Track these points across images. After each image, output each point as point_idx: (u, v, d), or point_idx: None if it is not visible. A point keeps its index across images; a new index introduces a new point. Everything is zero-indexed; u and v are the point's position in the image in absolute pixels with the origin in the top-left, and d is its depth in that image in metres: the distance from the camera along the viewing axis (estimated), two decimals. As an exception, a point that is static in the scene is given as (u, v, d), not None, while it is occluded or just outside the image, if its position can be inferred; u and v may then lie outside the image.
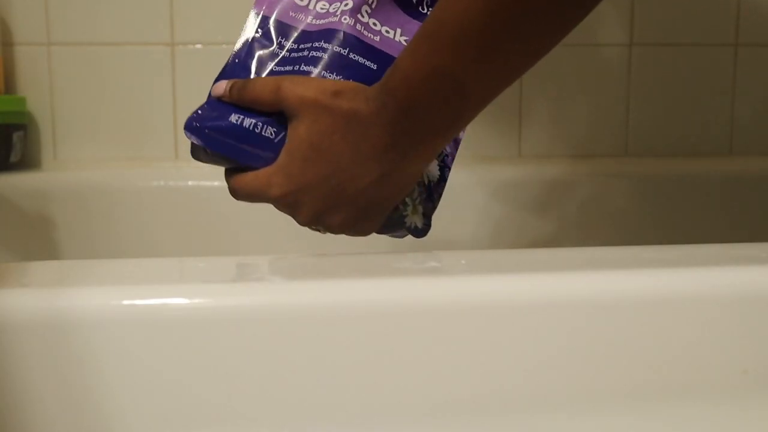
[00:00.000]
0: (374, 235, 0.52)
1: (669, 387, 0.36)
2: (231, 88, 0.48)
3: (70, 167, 0.93)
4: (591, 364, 0.36)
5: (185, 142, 0.94)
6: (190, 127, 0.48)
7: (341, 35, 0.49)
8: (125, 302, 0.33)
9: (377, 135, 0.44)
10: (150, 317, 0.33)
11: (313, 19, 0.51)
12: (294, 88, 0.46)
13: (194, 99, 0.96)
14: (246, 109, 0.47)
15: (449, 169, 0.53)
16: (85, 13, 0.93)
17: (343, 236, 0.51)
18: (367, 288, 0.35)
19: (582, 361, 0.36)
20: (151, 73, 0.94)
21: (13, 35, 0.93)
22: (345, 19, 0.50)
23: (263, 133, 0.47)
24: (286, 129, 0.47)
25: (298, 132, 0.46)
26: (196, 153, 0.50)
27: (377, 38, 0.50)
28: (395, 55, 0.50)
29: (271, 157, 0.47)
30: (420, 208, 0.50)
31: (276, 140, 0.47)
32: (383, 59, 0.50)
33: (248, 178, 0.48)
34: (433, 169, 0.52)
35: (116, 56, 0.94)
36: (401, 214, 0.50)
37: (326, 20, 0.50)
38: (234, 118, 0.47)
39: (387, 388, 0.35)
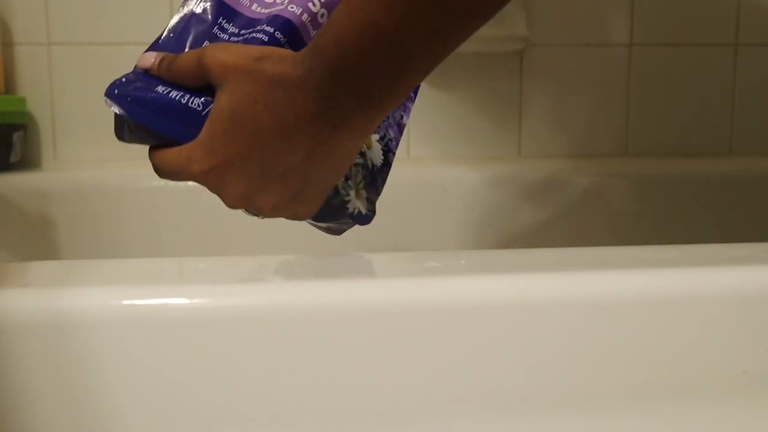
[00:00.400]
0: (369, 233, 0.52)
1: (669, 387, 0.36)
2: (160, 62, 0.45)
3: (70, 167, 0.93)
4: (591, 364, 0.36)
5: (185, 142, 0.94)
6: (112, 94, 0.44)
7: (283, 22, 0.46)
8: (125, 302, 0.33)
9: (302, 103, 0.40)
10: (150, 317, 0.33)
11: (258, 6, 0.48)
12: (215, 54, 0.42)
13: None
14: (174, 83, 0.45)
15: (393, 154, 0.50)
16: (85, 13, 0.93)
17: (342, 237, 0.51)
18: (367, 288, 0.35)
19: (582, 361, 0.36)
20: (151, 73, 0.94)
21: (13, 35, 0.93)
22: (292, 7, 0.47)
23: (190, 105, 0.44)
24: (212, 102, 0.44)
25: (220, 102, 0.42)
26: (120, 129, 0.46)
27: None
28: None
29: (196, 129, 0.44)
30: (363, 193, 0.48)
31: (203, 113, 0.44)
32: None
33: (170, 154, 0.44)
34: (377, 153, 0.49)
35: (116, 56, 0.94)
36: (343, 198, 0.47)
37: (273, 9, 0.47)
38: (161, 89, 0.44)
39: (387, 388, 0.35)
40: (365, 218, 0.49)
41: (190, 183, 0.47)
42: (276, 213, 0.45)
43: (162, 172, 0.45)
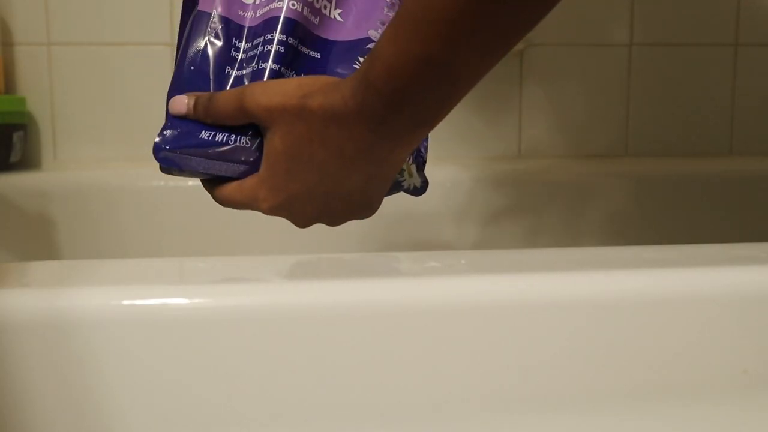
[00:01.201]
0: (369, 233, 0.52)
1: (669, 387, 0.36)
2: (195, 105, 0.45)
3: (70, 167, 0.93)
4: (591, 364, 0.36)
5: (185, 142, 0.94)
6: (160, 150, 0.45)
7: (283, 21, 0.47)
8: (125, 302, 0.33)
9: (360, 135, 0.41)
10: (150, 317, 0.33)
11: (256, 11, 0.48)
12: (257, 100, 0.43)
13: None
14: (214, 124, 0.45)
15: None
16: (85, 13, 0.93)
17: (342, 237, 0.51)
18: (367, 288, 0.35)
19: (582, 361, 0.36)
20: (151, 73, 0.94)
21: (13, 35, 0.93)
22: (293, 4, 0.47)
23: (239, 144, 0.45)
24: (261, 133, 0.45)
25: (274, 144, 0.43)
26: (167, 168, 0.47)
27: (316, 20, 0.48)
28: (332, 38, 0.48)
29: (250, 162, 0.46)
30: (413, 168, 0.49)
31: (253, 147, 0.45)
32: (323, 46, 0.48)
33: (231, 190, 0.46)
34: None
35: (116, 56, 0.94)
36: (398, 181, 0.48)
37: (268, 7, 0.48)
38: (205, 134, 0.45)
39: (387, 388, 0.35)
40: (421, 190, 0.50)
41: (190, 182, 0.47)
42: (343, 222, 0.48)
43: (224, 203, 0.48)
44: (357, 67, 0.48)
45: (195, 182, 0.88)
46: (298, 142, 0.43)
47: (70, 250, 0.87)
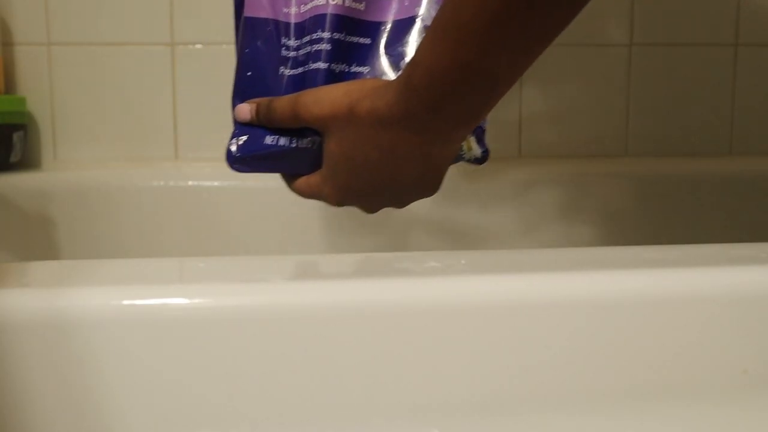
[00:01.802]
0: (368, 233, 0.52)
1: (669, 387, 0.36)
2: (257, 112, 0.49)
3: (70, 167, 0.93)
4: (591, 364, 0.36)
5: (185, 142, 0.95)
6: (234, 159, 0.49)
7: (329, 18, 0.48)
8: (125, 302, 0.33)
9: (408, 138, 0.43)
10: (150, 317, 0.33)
11: (300, 6, 0.50)
12: (310, 110, 0.46)
13: (194, 99, 0.96)
14: (276, 127, 0.48)
15: None
16: (85, 13, 0.93)
17: (342, 238, 0.51)
18: (367, 288, 0.35)
19: (582, 361, 0.36)
20: (151, 73, 0.94)
21: (13, 35, 0.93)
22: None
23: (300, 146, 0.48)
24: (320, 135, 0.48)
25: (331, 148, 0.47)
26: (239, 169, 0.51)
27: (362, 6, 0.49)
28: (382, 20, 0.50)
29: (314, 159, 0.49)
30: (473, 141, 0.50)
31: (314, 147, 0.48)
32: (373, 30, 0.49)
33: (300, 184, 0.51)
34: None
35: (116, 56, 0.94)
36: (459, 155, 0.50)
37: (313, 3, 0.49)
38: (269, 139, 0.48)
39: (387, 388, 0.35)
40: (482, 159, 0.51)
41: (190, 182, 0.48)
42: (408, 204, 0.50)
43: (297, 194, 0.52)
44: (405, 49, 0.50)
45: (195, 182, 0.89)
46: (352, 145, 0.45)
47: (70, 250, 0.87)
